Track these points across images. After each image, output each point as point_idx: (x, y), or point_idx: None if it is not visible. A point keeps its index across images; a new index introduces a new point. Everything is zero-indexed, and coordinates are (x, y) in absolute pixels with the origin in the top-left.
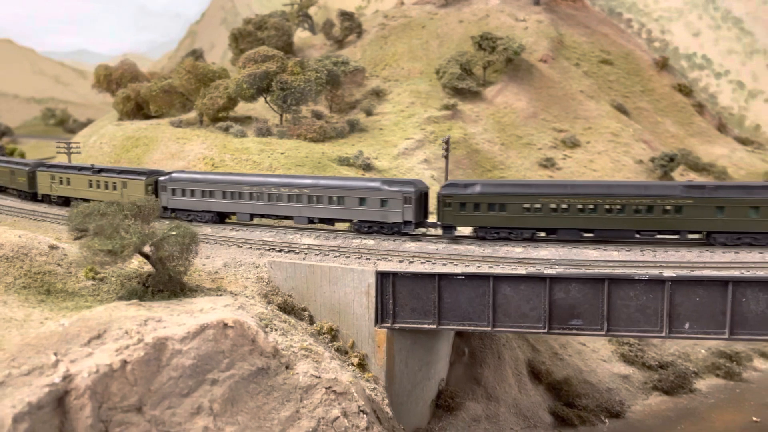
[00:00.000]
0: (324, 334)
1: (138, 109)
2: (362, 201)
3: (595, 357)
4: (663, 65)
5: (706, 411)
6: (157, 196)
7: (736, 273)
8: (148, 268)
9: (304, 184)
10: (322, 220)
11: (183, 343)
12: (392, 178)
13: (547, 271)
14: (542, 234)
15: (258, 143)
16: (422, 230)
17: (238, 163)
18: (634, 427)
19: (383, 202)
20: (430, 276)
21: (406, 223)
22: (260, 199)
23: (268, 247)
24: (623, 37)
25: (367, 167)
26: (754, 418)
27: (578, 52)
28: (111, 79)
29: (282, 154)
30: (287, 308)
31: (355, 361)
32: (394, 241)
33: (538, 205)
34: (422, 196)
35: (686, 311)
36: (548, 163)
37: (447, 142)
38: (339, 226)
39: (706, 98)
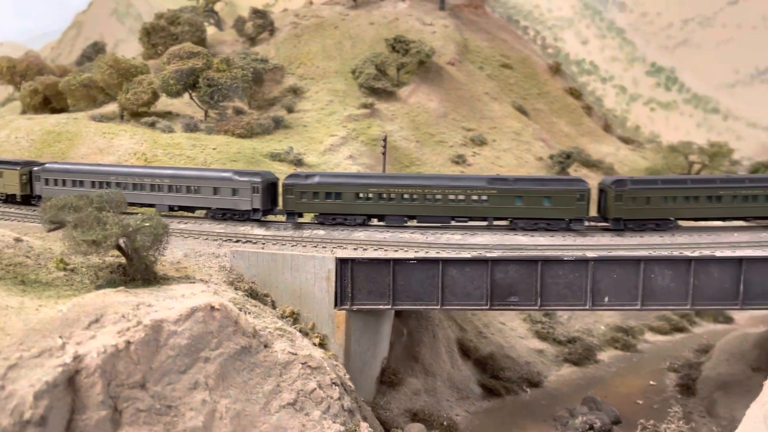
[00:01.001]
0: (287, 317)
1: (45, 103)
2: (216, 190)
3: (514, 335)
4: (556, 70)
5: (611, 378)
6: (31, 186)
7: (645, 253)
8: (111, 259)
9: (165, 175)
10: (182, 208)
11: (177, 324)
12: (244, 170)
13: (489, 255)
14: (375, 220)
15: (188, 139)
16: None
17: (171, 158)
18: (551, 395)
19: (234, 191)
20: (386, 261)
21: (254, 210)
22: (126, 188)
23: (224, 238)
24: (520, 43)
25: (299, 162)
26: (651, 382)
27: (481, 57)
28: (15, 71)
29: (214, 149)
30: (252, 294)
31: (316, 341)
32: (341, 231)
33: (369, 195)
34: (270, 186)
35: (606, 287)
36: (460, 160)
37: (385, 140)
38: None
39: (593, 101)
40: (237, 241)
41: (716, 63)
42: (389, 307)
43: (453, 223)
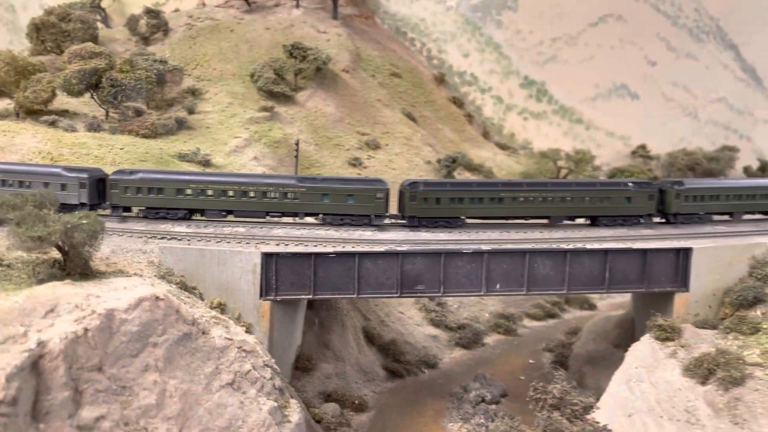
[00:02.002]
0: (215, 308)
1: None
2: (46, 185)
3: (412, 323)
4: (441, 80)
5: (496, 358)
6: None
7: (530, 246)
8: (45, 256)
9: (6, 170)
10: None
11: (127, 313)
12: (73, 166)
13: (399, 249)
14: (198, 215)
15: (93, 138)
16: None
17: (78, 158)
18: (446, 374)
19: (63, 186)
20: (308, 255)
21: (82, 204)
22: None
23: (149, 235)
24: (408, 53)
25: (207, 163)
26: (531, 360)
27: (373, 65)
28: None
29: (121, 149)
30: (183, 287)
31: (242, 330)
32: (261, 228)
33: (189, 191)
34: (98, 182)
35: (498, 275)
36: (356, 162)
37: (297, 144)
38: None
39: (474, 110)
40: (162, 238)
41: (580, 78)
42: (311, 296)
43: (267, 217)
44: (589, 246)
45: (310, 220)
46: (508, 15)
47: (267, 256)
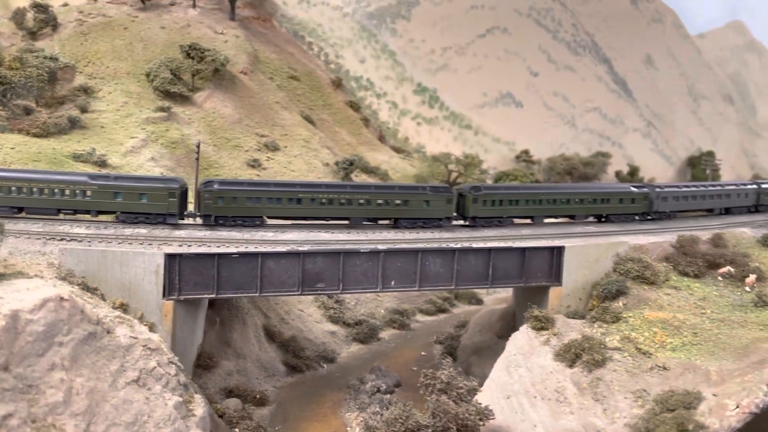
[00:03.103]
0: (117, 308)
1: None
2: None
3: (311, 320)
4: (338, 84)
5: (391, 352)
6: None
7: (422, 246)
8: None
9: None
10: None
11: (32, 313)
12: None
13: (301, 249)
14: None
15: None
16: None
17: None
18: (344, 368)
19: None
20: (211, 255)
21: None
22: None
23: (47, 237)
24: (306, 57)
25: (103, 164)
26: (422, 353)
27: (271, 68)
28: None
29: (12, 149)
30: (84, 288)
31: (147, 329)
32: (162, 229)
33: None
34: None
35: (393, 273)
36: (255, 164)
37: (198, 147)
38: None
39: (370, 114)
40: (61, 240)
41: (469, 86)
42: (214, 296)
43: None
44: (474, 245)
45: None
46: (402, 24)
47: (170, 257)
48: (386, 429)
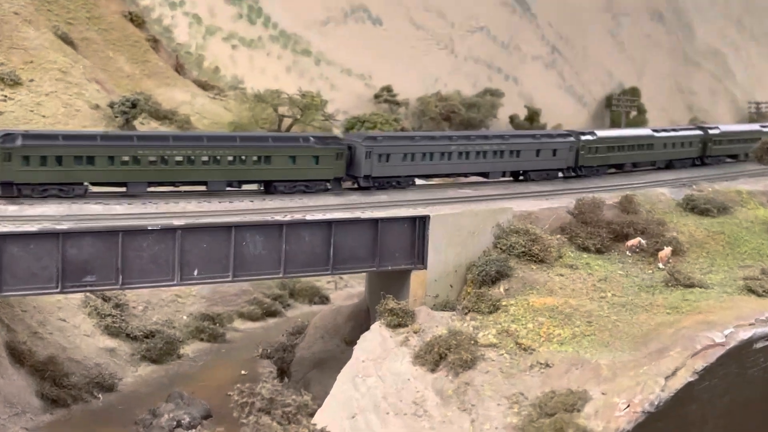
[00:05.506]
0: None
1: None
2: None
3: (78, 332)
4: None
5: (198, 372)
6: None
7: (237, 219)
8: None
9: None
10: None
11: None
12: None
13: (59, 227)
14: None
15: None
16: None
17: None
18: (130, 397)
19: None
20: None
21: None
22: None
23: None
24: None
25: None
26: (243, 372)
27: None
28: None
29: None
30: None
31: None
32: None
33: None
34: None
35: (195, 258)
36: None
37: None
38: None
39: (161, 32)
40: None
41: None
42: None
43: None
44: (309, 217)
45: None
46: None
47: None
48: None
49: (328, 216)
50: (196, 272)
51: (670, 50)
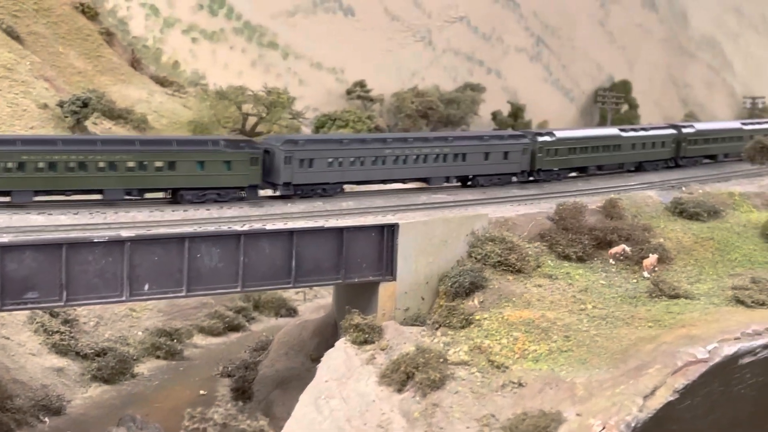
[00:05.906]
0: None
1: None
2: None
3: (23, 351)
4: None
5: (153, 393)
6: None
7: (190, 229)
8: None
9: None
10: None
11: None
12: None
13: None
14: None
15: None
16: None
17: None
18: (78, 421)
19: None
20: None
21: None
22: None
23: None
24: None
25: None
26: (201, 392)
27: None
28: None
29: None
30: None
31: None
32: None
33: None
34: None
35: (146, 272)
36: None
37: None
38: None
39: (116, 24)
40: None
41: None
42: None
43: None
44: (270, 226)
45: None
46: None
47: None
48: None
49: (290, 225)
50: (146, 287)
51: (664, 40)
